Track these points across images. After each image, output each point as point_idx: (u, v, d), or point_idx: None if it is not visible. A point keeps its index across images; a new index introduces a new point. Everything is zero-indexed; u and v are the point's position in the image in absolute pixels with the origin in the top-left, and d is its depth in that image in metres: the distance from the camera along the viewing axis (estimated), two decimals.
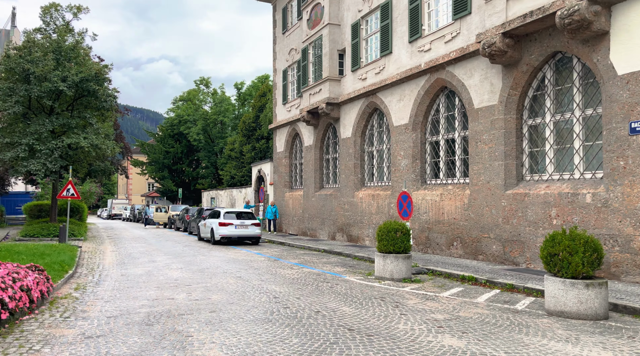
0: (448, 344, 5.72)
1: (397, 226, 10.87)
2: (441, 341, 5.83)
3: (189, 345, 5.50)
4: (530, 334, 6.22)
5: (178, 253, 16.35)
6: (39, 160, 21.80)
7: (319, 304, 7.89)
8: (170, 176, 59.19)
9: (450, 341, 5.82)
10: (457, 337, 6.03)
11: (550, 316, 7.23)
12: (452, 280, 10.82)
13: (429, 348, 5.55)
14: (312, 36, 22.32)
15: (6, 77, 23.16)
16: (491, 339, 5.96)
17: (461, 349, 5.51)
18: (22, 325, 6.33)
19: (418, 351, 5.43)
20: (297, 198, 24.98)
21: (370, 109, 18.99)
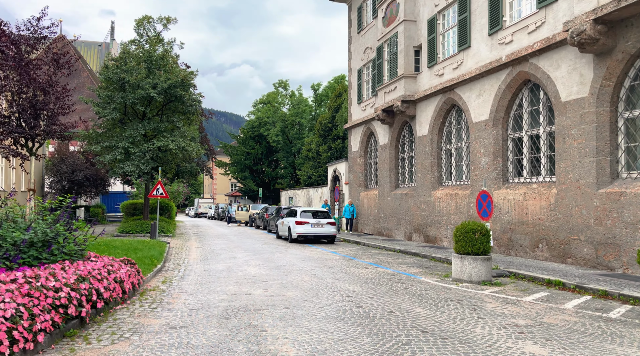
0: (529, 351, 5.41)
1: (475, 226, 10.46)
2: (522, 348, 5.53)
3: (263, 340, 5.65)
4: (625, 345, 5.73)
5: (257, 250, 16.87)
6: (133, 162, 23.44)
7: (393, 304, 7.79)
8: (251, 176, 61.19)
9: (531, 349, 5.51)
10: (539, 344, 5.69)
11: None
12: (537, 284, 10.23)
13: (508, 355, 5.28)
14: (387, 34, 22.09)
15: (105, 86, 25.16)
16: (579, 348, 5.56)
17: None
18: (115, 314, 6.85)
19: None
20: (372, 197, 24.85)
21: (448, 106, 18.45)
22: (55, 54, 14.51)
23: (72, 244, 7.62)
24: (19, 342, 4.55)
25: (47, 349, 5.14)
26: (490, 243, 10.59)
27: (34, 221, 7.27)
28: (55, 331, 5.39)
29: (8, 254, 6.56)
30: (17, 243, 6.69)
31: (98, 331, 5.92)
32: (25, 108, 13.99)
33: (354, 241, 20.95)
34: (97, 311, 6.53)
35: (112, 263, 7.89)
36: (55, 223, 7.55)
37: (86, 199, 43.09)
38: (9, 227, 6.87)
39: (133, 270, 8.46)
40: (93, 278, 6.67)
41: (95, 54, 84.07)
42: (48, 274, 5.99)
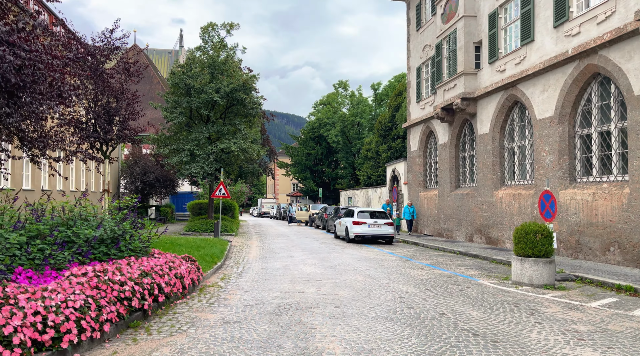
0: None
1: (536, 227, 10.07)
2: (579, 355, 5.30)
3: (311, 337, 5.78)
4: None
5: (314, 250, 17.10)
6: (198, 163, 24.46)
7: (445, 306, 7.68)
8: (311, 177, 61.83)
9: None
10: (600, 352, 5.43)
11: None
12: (605, 289, 9.69)
13: None
14: (446, 30, 21.65)
15: (172, 91, 26.45)
16: None
17: None
18: (175, 308, 7.24)
19: None
20: (431, 197, 24.41)
21: (510, 103, 17.80)
22: (126, 63, 15.45)
23: (138, 241, 8.14)
24: (86, 331, 4.95)
25: (113, 338, 5.54)
26: (553, 246, 10.16)
27: (103, 219, 7.83)
28: (120, 322, 5.80)
29: (81, 250, 7.12)
30: (88, 240, 7.25)
31: (159, 324, 6.29)
32: (100, 114, 15.00)
33: (413, 242, 20.70)
34: (158, 304, 6.94)
35: (173, 259, 8.33)
36: (122, 222, 8.09)
37: (157, 199, 45.38)
38: (82, 225, 7.45)
39: (193, 267, 8.89)
40: (155, 274, 7.09)
41: (165, 61, 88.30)
42: (115, 269, 6.45)
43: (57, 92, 8.41)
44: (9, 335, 4.15)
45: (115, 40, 15.09)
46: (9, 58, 6.94)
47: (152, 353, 5.07)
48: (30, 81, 7.84)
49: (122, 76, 15.31)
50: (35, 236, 6.68)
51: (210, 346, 5.34)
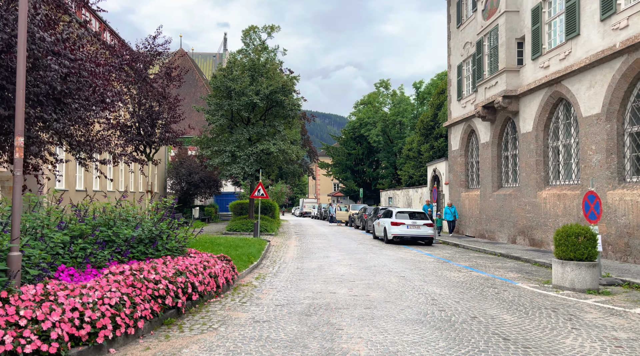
0: None
1: (579, 229, 9.70)
2: None
3: (338, 338, 5.82)
4: None
5: (351, 250, 17.10)
6: (238, 164, 24.95)
7: (478, 310, 7.53)
8: (352, 177, 61.72)
9: None
10: None
11: None
12: None
13: None
14: (487, 27, 21.15)
15: (214, 94, 27.08)
16: None
17: None
18: (208, 306, 7.45)
19: None
20: (473, 198, 23.89)
21: (555, 100, 17.19)
22: (168, 67, 15.96)
23: (174, 241, 8.41)
24: (120, 327, 5.18)
25: (147, 335, 5.77)
26: (597, 248, 9.77)
27: (142, 220, 8.15)
28: (155, 319, 6.03)
29: (120, 249, 7.44)
30: (127, 239, 7.57)
31: (191, 321, 6.50)
32: (144, 118, 15.57)
33: (453, 244, 20.35)
34: (192, 303, 7.16)
35: (208, 259, 8.56)
36: (159, 222, 8.39)
37: (201, 199, 46.54)
38: (122, 225, 7.78)
39: (228, 266, 9.10)
40: (190, 273, 7.32)
41: (210, 64, 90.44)
42: (150, 267, 6.71)
43: (100, 98, 8.80)
44: (47, 329, 4.41)
45: (157, 46, 15.61)
46: (54, 67, 7.33)
47: (182, 349, 5.25)
48: (75, 88, 8.25)
49: (164, 80, 15.82)
50: (78, 235, 7.04)
51: (237, 345, 5.47)
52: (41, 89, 7.70)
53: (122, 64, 13.45)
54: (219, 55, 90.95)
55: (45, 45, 7.27)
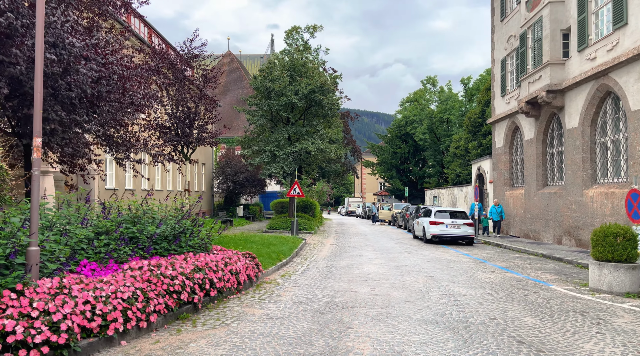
0: None
1: (617, 230, 9.21)
2: None
3: (345, 336, 5.79)
4: None
5: (387, 250, 16.93)
6: (278, 164, 25.25)
7: (500, 311, 7.28)
8: (398, 176, 60.99)
9: None
10: None
11: None
12: None
13: None
14: (531, 19, 20.37)
15: (255, 95, 27.53)
16: None
17: None
18: (227, 302, 7.60)
19: None
20: (517, 197, 23.08)
21: (602, 93, 16.33)
22: (204, 70, 16.38)
23: (196, 238, 8.63)
24: (131, 320, 5.39)
25: (160, 328, 5.97)
26: (638, 250, 9.22)
27: (166, 217, 8.42)
28: (169, 313, 6.22)
29: (143, 246, 7.72)
30: (151, 236, 7.84)
31: (207, 317, 6.65)
32: (181, 119, 16.05)
33: (495, 244, 19.75)
34: (210, 298, 7.33)
35: (231, 256, 8.73)
36: (182, 220, 8.63)
37: (247, 198, 47.45)
38: (146, 222, 8.07)
39: (252, 263, 9.25)
40: (209, 269, 7.49)
41: (257, 66, 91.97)
42: (169, 264, 6.92)
43: (130, 100, 9.15)
44: (58, 321, 4.65)
45: (194, 49, 16.06)
46: (82, 71, 7.69)
47: (190, 343, 5.39)
48: (106, 90, 8.62)
49: (201, 82, 16.25)
50: (103, 232, 7.37)
51: (244, 340, 5.55)
52: (73, 93, 8.10)
53: (159, 66, 13.93)
54: (267, 57, 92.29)
55: (74, 50, 7.63)
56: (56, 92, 7.97)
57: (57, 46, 7.52)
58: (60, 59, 7.52)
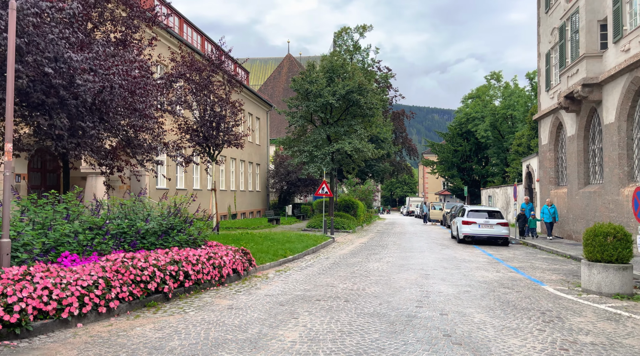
0: None
1: (608, 229, 8.87)
2: None
3: (284, 325, 6.23)
4: None
5: (411, 249, 16.94)
6: (315, 163, 25.79)
7: (459, 308, 7.36)
8: (459, 175, 59.39)
9: None
10: None
11: None
12: None
13: None
14: (569, 10, 19.50)
15: (295, 97, 28.26)
16: None
17: None
18: (203, 293, 8.23)
19: None
20: (561, 196, 22.09)
21: (636, 86, 15.40)
22: (230, 75, 17.27)
23: (184, 234, 9.33)
24: (87, 305, 6.11)
25: (122, 314, 6.67)
26: (632, 250, 8.83)
27: (149, 215, 9.20)
28: (135, 301, 6.92)
29: (131, 240, 8.53)
30: (138, 232, 8.64)
31: (173, 305, 7.30)
32: (209, 121, 17.02)
33: (532, 245, 19.16)
34: (185, 289, 7.97)
35: (218, 251, 9.35)
36: (169, 217, 9.37)
37: (301, 198, 48.49)
38: (136, 219, 8.89)
39: (242, 258, 9.84)
40: (187, 262, 8.15)
41: None
42: (143, 256, 7.63)
43: (132, 107, 10.04)
44: (12, 303, 5.44)
45: (220, 55, 16.98)
46: (79, 82, 8.62)
47: (137, 327, 6.04)
48: (109, 99, 9.56)
49: (226, 87, 17.14)
50: (91, 227, 8.24)
51: (187, 326, 6.12)
52: (76, 102, 9.09)
53: (182, 74, 14.91)
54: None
55: (73, 64, 8.57)
56: (62, 101, 9.00)
57: (58, 60, 8.50)
58: (60, 72, 8.50)
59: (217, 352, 5.10)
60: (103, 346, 5.22)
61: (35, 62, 8.22)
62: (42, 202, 7.92)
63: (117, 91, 9.48)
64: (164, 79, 13.64)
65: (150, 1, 27.81)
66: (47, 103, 8.94)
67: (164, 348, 5.21)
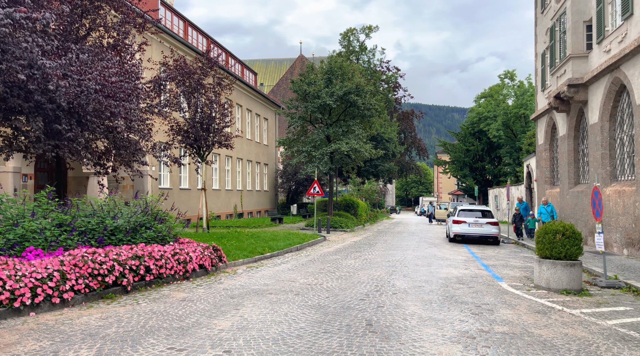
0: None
1: (558, 227, 9.12)
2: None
3: (222, 314, 6.68)
4: None
5: (398, 247, 17.25)
6: (313, 163, 26.21)
7: (398, 300, 7.73)
8: (471, 174, 59.10)
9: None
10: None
11: None
12: None
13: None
14: (558, 11, 19.59)
15: (295, 98, 28.72)
16: None
17: None
18: (165, 286, 8.73)
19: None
20: (554, 195, 22.13)
21: (617, 87, 15.48)
22: (219, 78, 17.82)
23: (152, 231, 9.84)
24: (39, 296, 6.65)
25: (77, 305, 7.19)
26: (581, 247, 9.07)
27: (117, 213, 9.73)
28: (92, 293, 7.44)
29: (98, 237, 9.07)
30: (107, 228, 9.19)
31: (130, 298, 7.80)
32: (200, 122, 17.58)
33: (521, 244, 19.40)
34: (146, 283, 8.48)
35: (185, 247, 9.85)
36: (136, 214, 9.90)
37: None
38: (107, 217, 9.44)
39: (211, 255, 10.32)
40: (150, 257, 8.66)
41: None
42: (104, 252, 8.15)
43: (108, 111, 10.59)
44: None
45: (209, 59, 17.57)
46: (50, 88, 9.19)
47: (83, 316, 6.55)
48: (85, 103, 10.13)
49: (216, 88, 17.69)
50: (60, 224, 8.81)
51: (132, 316, 6.61)
52: (53, 106, 9.69)
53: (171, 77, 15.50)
54: None
55: (47, 70, 9.14)
56: (38, 105, 9.61)
57: (32, 67, 9.09)
58: (34, 78, 9.09)
59: (145, 338, 5.56)
60: (44, 333, 5.73)
61: (9, 69, 8.80)
62: (14, 200, 8.51)
63: (92, 95, 10.04)
64: (152, 82, 14.20)
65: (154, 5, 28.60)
66: (24, 107, 9.55)
67: (98, 334, 5.69)
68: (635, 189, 13.80)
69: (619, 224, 14.85)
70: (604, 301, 8.25)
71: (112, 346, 5.22)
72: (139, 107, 12.80)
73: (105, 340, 5.44)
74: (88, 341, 5.39)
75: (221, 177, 33.60)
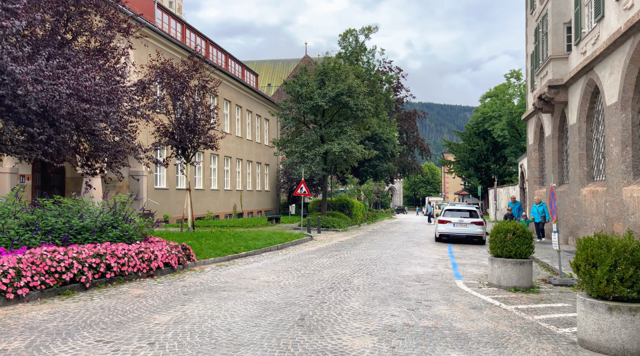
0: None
1: (509, 226, 9.36)
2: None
3: (166, 309, 7.05)
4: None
5: (381, 246, 17.52)
6: (305, 164, 26.53)
7: (345, 297, 8.03)
8: (476, 174, 59.00)
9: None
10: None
11: None
12: None
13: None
14: (541, 12, 19.71)
15: (289, 99, 29.06)
16: None
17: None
18: (125, 284, 9.10)
19: None
20: (542, 195, 22.20)
21: (592, 88, 15.59)
22: (204, 81, 18.21)
23: (118, 231, 10.22)
24: None
25: (33, 301, 7.57)
26: (532, 246, 9.29)
27: (82, 213, 10.13)
28: (48, 289, 7.82)
29: (64, 236, 9.47)
30: (73, 228, 9.59)
31: (87, 294, 8.18)
32: (185, 125, 17.99)
33: None
34: (106, 280, 8.86)
35: (151, 246, 10.21)
36: (102, 214, 10.29)
37: (310, 197, 49.25)
38: (73, 216, 9.84)
39: (179, 254, 10.69)
40: (112, 256, 9.04)
41: None
42: (64, 250, 8.53)
43: (81, 115, 11.00)
44: None
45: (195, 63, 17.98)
46: (20, 93, 9.61)
47: (32, 311, 6.93)
48: (56, 106, 10.55)
49: (201, 91, 18.09)
50: (27, 223, 9.23)
51: (80, 311, 6.98)
52: (25, 110, 10.12)
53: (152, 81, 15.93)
54: None
55: (17, 76, 9.57)
56: (9, 109, 10.05)
57: (2, 72, 9.53)
58: (4, 83, 9.52)
59: (80, 332, 5.92)
60: None
61: None
62: None
63: (64, 99, 10.46)
64: (137, 85, 14.59)
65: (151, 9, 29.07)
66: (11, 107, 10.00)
67: (39, 327, 6.06)
68: (605, 190, 13.92)
69: (593, 223, 14.97)
70: (548, 298, 8.47)
71: (44, 339, 5.58)
72: (120, 110, 13.20)
73: (41, 333, 5.81)
74: (25, 334, 5.76)
75: (220, 177, 34.06)
